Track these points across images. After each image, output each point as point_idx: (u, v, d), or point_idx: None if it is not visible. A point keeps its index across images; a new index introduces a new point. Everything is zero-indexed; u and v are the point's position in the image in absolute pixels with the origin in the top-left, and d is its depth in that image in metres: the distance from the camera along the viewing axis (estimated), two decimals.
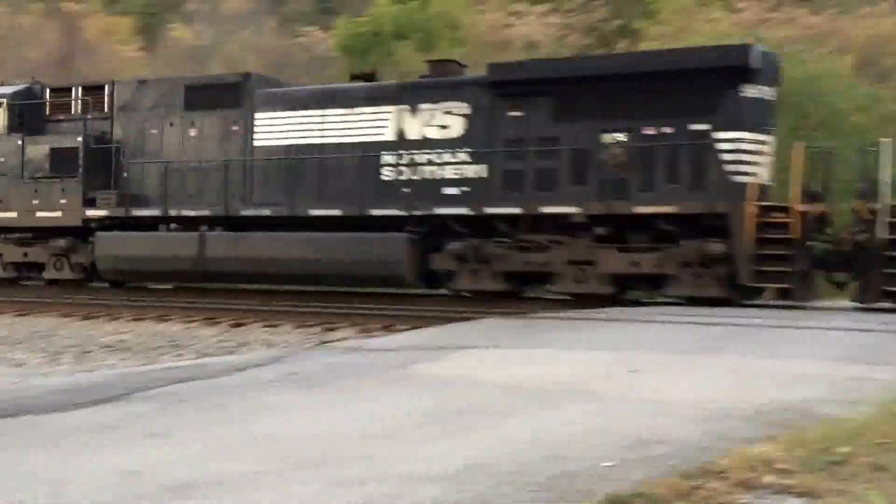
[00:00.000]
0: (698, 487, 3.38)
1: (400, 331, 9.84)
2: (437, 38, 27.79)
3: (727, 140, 11.87)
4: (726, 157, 11.86)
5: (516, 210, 12.70)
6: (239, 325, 11.52)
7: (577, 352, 6.90)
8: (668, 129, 12.12)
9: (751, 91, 11.97)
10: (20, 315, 12.94)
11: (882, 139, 11.99)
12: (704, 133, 11.92)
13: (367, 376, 5.93)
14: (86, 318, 12.45)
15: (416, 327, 9.69)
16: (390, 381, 5.72)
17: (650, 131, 12.25)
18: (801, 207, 11.48)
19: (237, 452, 4.00)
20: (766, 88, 12.16)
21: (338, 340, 9.60)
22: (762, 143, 12.14)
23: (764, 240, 11.45)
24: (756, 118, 12.04)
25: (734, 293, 11.79)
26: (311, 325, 11.29)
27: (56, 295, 14.83)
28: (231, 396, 5.36)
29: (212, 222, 14.63)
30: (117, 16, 45.08)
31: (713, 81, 11.82)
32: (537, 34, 27.97)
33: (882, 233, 11.13)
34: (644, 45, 23.05)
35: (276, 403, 5.11)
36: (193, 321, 11.70)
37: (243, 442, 4.20)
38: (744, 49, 12.14)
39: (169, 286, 15.47)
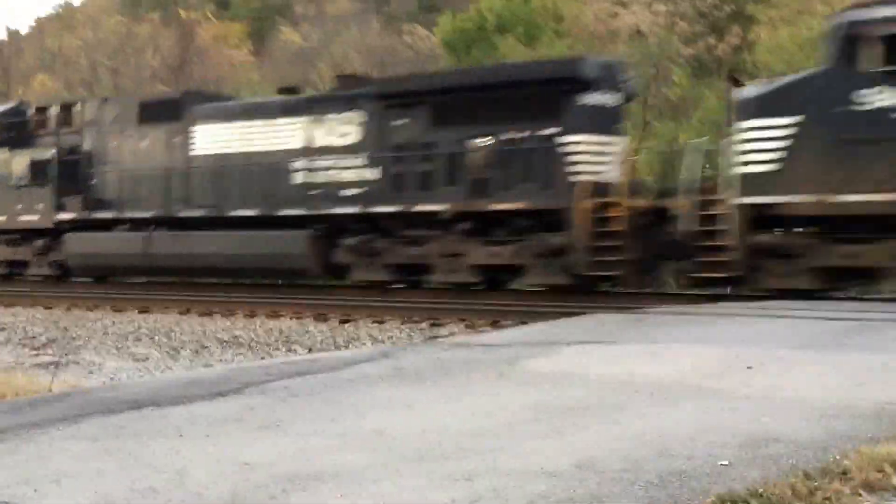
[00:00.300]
0: (819, 488, 3.25)
1: (507, 326, 9.83)
2: (540, 31, 27.63)
3: (569, 143, 13.20)
4: (568, 158, 13.19)
5: (397, 208, 14.33)
6: (347, 320, 11.73)
7: (689, 347, 6.73)
8: (522, 134, 13.60)
9: (588, 98, 13.31)
10: (142, 312, 13.51)
11: (690, 140, 13.17)
12: (550, 137, 13.32)
13: (476, 372, 5.93)
14: (202, 314, 12.91)
15: (524, 322, 9.66)
16: (499, 377, 5.71)
17: (508, 136, 13.71)
18: (627, 202, 12.59)
19: (348, 445, 4.07)
20: (605, 95, 13.47)
21: (445, 336, 9.66)
22: (603, 144, 13.43)
23: (600, 233, 12.63)
24: (596, 123, 13.36)
25: (578, 281, 13.05)
26: (418, 321, 11.39)
27: (36, 288, 17.17)
28: (341, 391, 5.46)
29: (158, 222, 16.67)
30: (228, 21, 46.52)
31: (555, 91, 13.23)
32: (644, 23, 27.46)
33: (685, 226, 11.92)
34: (757, 30, 22.35)
35: (385, 398, 5.17)
36: (304, 317, 11.98)
37: (354, 435, 4.27)
38: (575, 62, 14.00)
39: (277, 283, 15.89)
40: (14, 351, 10.92)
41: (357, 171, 14.91)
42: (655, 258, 12.88)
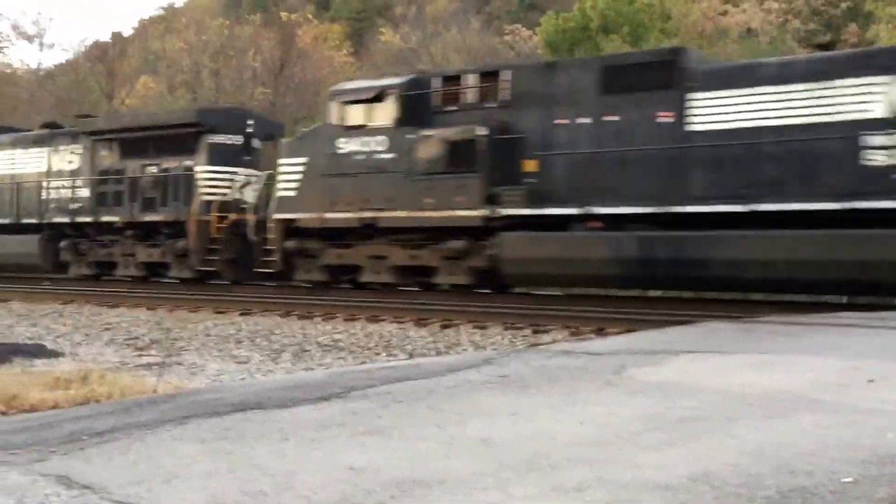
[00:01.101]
0: None
1: (613, 334, 9.63)
2: (646, 30, 27.14)
3: (200, 172, 18.18)
4: (199, 183, 18.07)
5: (89, 219, 19.81)
6: (448, 325, 11.67)
7: (804, 358, 6.45)
8: (176, 164, 18.62)
9: (215, 138, 18.26)
10: (243, 314, 13.77)
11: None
12: (190, 167, 18.33)
13: (581, 380, 5.80)
14: (302, 317, 13.05)
15: (630, 330, 9.45)
16: (606, 386, 5.57)
17: (167, 165, 18.82)
18: (216, 217, 17.59)
19: (454, 452, 4.01)
20: (230, 136, 18.42)
21: (548, 343, 9.53)
22: (223, 173, 18.19)
23: (209, 239, 17.67)
24: (220, 158, 18.26)
25: (198, 275, 18.06)
26: (520, 327, 11.25)
27: (136, 288, 19.01)
28: (445, 397, 5.41)
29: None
30: (328, 23, 47.24)
31: (192, 133, 18.32)
32: (756, 21, 26.70)
33: (250, 235, 16.95)
34: (876, 28, 21.47)
35: (489, 405, 5.10)
36: (404, 322, 11.96)
37: (460, 442, 4.21)
38: (203, 112, 19.76)
39: (377, 288, 15.98)
40: (119, 351, 11.25)
41: (77, 191, 20.25)
42: (242, 258, 17.34)
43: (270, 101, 36.76)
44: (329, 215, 15.18)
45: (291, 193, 15.91)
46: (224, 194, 18.07)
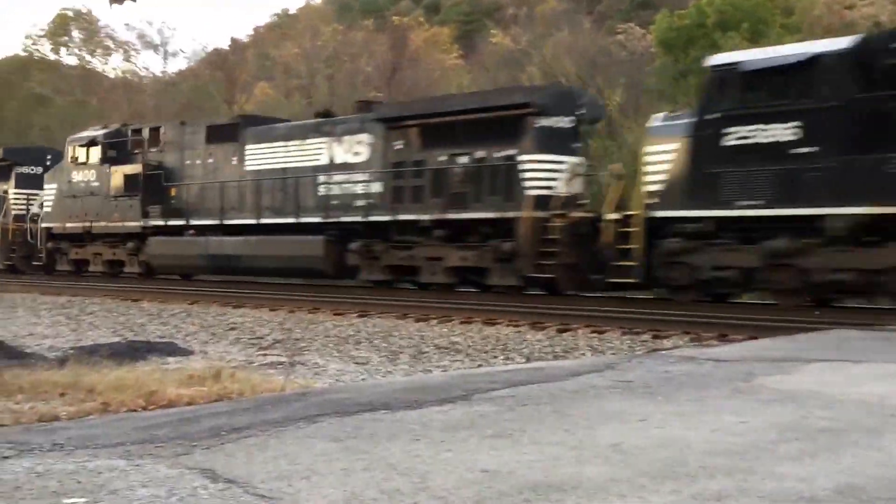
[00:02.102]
0: None
1: (736, 340, 9.39)
2: (767, 26, 26.33)
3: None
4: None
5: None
6: (565, 329, 11.59)
7: None
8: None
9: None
10: (361, 316, 14.02)
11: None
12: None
13: (709, 387, 5.70)
14: (419, 320, 13.20)
15: (754, 337, 9.19)
16: (735, 394, 5.46)
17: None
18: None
19: (586, 458, 4.01)
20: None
21: (669, 348, 9.37)
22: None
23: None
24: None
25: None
26: (639, 332, 11.07)
27: (259, 290, 19.18)
28: (570, 402, 5.40)
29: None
30: (438, 26, 47.61)
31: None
32: (885, 13, 25.56)
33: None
34: None
35: (616, 411, 5.07)
36: (520, 325, 11.96)
37: (590, 448, 4.21)
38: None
39: (493, 290, 16.04)
40: (244, 350, 11.61)
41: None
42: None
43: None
44: (68, 224, 23.86)
45: (49, 210, 24.34)
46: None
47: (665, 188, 13.22)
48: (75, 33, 52.81)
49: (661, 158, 13.36)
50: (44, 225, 24.83)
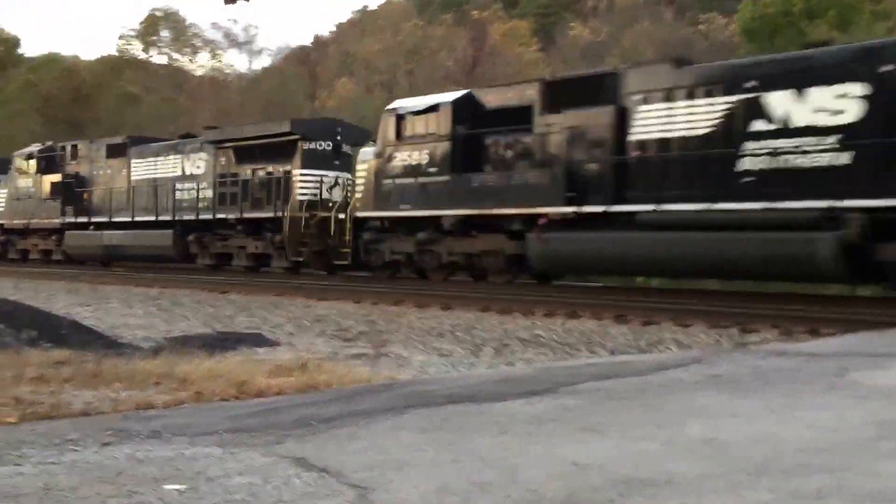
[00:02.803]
0: None
1: (827, 335, 9.13)
2: (856, 13, 25.44)
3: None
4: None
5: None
6: (649, 323, 11.41)
7: None
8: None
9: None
10: (444, 309, 14.06)
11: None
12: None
13: (800, 382, 5.56)
14: (502, 312, 13.18)
15: (846, 331, 8.92)
16: (828, 389, 5.31)
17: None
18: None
19: (677, 453, 3.96)
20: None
21: (758, 343, 9.17)
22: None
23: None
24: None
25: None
26: (726, 326, 10.83)
27: (346, 282, 19.45)
28: (657, 396, 5.34)
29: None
30: (517, 19, 47.40)
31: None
32: None
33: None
34: None
35: (705, 406, 4.99)
36: (603, 318, 11.84)
37: (681, 443, 4.15)
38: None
39: (591, 285, 16.02)
40: (329, 342, 11.76)
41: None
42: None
43: None
44: (14, 221, 30.50)
45: (2, 210, 31.38)
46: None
47: (363, 196, 18.76)
48: (164, 33, 54.36)
49: (362, 175, 18.94)
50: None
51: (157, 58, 55.13)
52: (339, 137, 21.66)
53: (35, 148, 30.67)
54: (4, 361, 7.07)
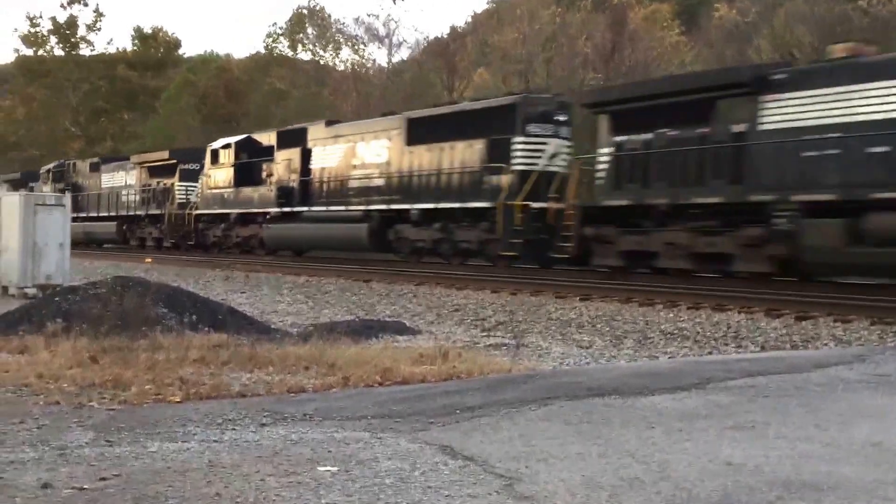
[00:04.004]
0: None
1: None
2: None
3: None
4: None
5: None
6: (804, 317, 10.85)
7: None
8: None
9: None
10: (584, 300, 13.89)
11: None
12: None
13: None
14: (643, 304, 12.89)
15: None
16: None
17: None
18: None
19: (841, 456, 3.76)
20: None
21: None
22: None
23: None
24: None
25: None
26: (891, 322, 10.08)
27: (483, 272, 18.96)
28: (818, 395, 5.09)
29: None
30: (658, 2, 46.11)
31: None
32: None
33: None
34: None
35: (872, 407, 4.71)
36: (753, 312, 11.37)
37: (846, 446, 3.93)
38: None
39: (721, 276, 15.41)
40: (468, 331, 11.80)
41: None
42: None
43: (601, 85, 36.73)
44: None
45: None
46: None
47: (200, 200, 30.52)
48: (309, 30, 55.93)
49: (198, 187, 30.50)
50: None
51: (303, 54, 56.88)
52: (203, 160, 29.90)
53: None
54: (170, 344, 7.46)
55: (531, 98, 18.98)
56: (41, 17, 61.35)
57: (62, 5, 59.74)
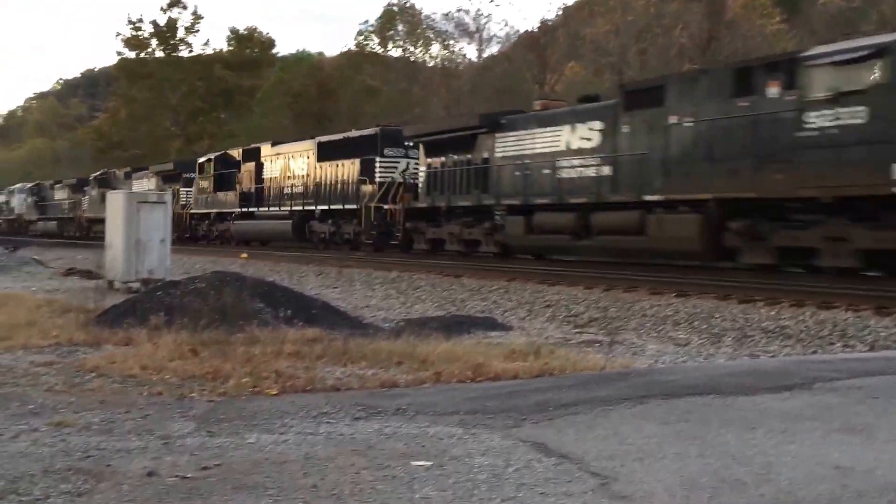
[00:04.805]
0: None
1: None
2: None
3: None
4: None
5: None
6: None
7: None
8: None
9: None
10: (679, 296, 13.58)
11: None
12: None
13: None
14: (743, 301, 12.51)
15: None
16: None
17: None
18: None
19: None
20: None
21: None
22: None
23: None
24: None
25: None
26: None
27: (575, 268, 18.48)
28: None
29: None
30: None
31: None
32: None
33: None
34: None
35: None
36: (862, 309, 10.87)
37: None
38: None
39: (829, 272, 14.83)
40: (560, 327, 11.69)
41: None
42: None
43: None
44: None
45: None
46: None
47: (194, 203, 37.71)
48: (400, 27, 56.39)
49: (193, 192, 36.70)
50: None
51: (393, 51, 57.37)
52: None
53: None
54: (266, 338, 7.62)
55: (387, 130, 26.00)
56: (142, 20, 63.04)
57: (162, 8, 61.68)
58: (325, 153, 27.63)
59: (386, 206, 24.04)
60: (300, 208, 28.66)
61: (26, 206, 56.57)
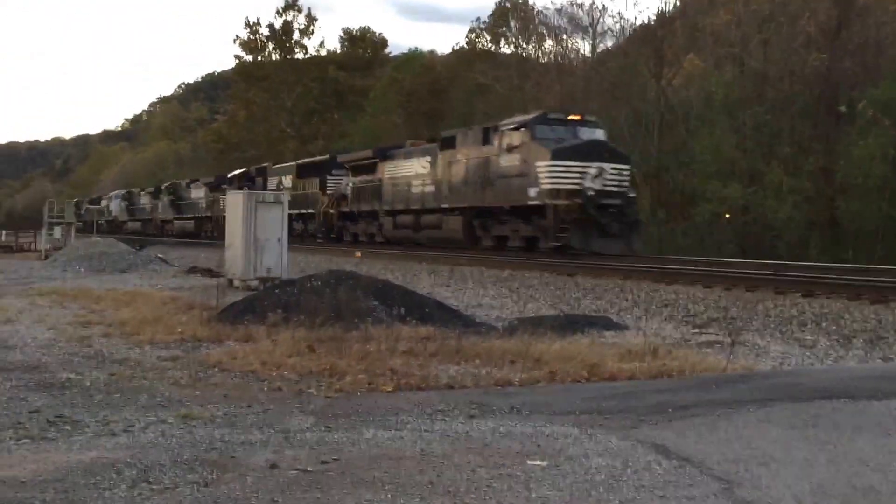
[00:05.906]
0: None
1: None
2: None
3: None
4: None
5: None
6: None
7: None
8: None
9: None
10: (806, 296, 13.05)
11: None
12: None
13: None
14: (875, 301, 11.91)
15: None
16: None
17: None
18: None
19: None
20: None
21: None
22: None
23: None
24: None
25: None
26: None
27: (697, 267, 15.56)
28: None
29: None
30: None
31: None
32: None
33: None
34: None
35: None
36: None
37: None
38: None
39: None
40: (678, 327, 11.37)
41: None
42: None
43: (826, 66, 34.31)
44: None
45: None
46: None
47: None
48: (512, 23, 56.19)
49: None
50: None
51: (505, 47, 57.22)
52: (232, 184, 41.56)
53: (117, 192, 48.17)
54: (380, 335, 7.70)
55: (332, 157, 35.11)
56: (259, 24, 64.96)
57: (278, 11, 63.38)
58: (302, 172, 37.37)
59: (332, 211, 33.50)
60: (290, 212, 37.47)
61: (119, 209, 66.30)
